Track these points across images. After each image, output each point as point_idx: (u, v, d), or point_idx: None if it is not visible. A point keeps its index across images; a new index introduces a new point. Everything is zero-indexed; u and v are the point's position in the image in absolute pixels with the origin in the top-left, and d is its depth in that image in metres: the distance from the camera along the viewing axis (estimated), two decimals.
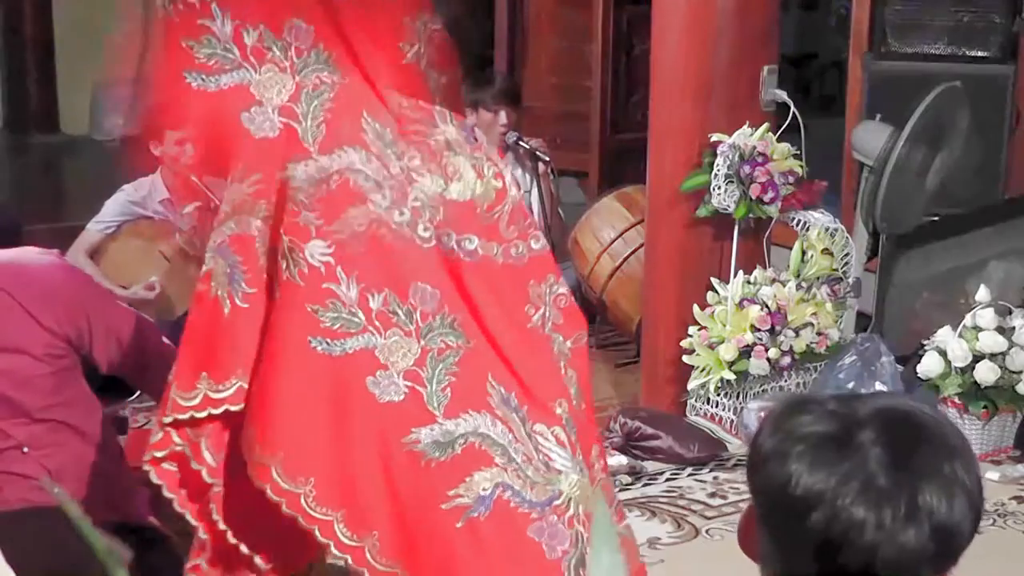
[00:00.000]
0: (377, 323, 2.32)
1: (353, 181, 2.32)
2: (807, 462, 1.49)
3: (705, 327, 4.75)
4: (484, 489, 2.28)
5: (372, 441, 2.30)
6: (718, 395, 4.80)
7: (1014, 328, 4.67)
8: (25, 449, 2.96)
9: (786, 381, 4.85)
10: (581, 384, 2.52)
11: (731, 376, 4.70)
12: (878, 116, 5.39)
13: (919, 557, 1.47)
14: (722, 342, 4.70)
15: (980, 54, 5.73)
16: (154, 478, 2.44)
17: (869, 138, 5.26)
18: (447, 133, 2.45)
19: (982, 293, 4.75)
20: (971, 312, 4.70)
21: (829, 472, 1.48)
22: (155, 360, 3.06)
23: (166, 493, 2.46)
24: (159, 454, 2.42)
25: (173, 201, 2.71)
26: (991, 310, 4.69)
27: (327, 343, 2.30)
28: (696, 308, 4.76)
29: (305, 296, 2.31)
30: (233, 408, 2.36)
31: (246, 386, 2.36)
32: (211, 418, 2.38)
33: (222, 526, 2.41)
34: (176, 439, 2.41)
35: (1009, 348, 4.62)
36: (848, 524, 1.46)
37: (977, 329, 4.66)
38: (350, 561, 2.29)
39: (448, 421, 2.30)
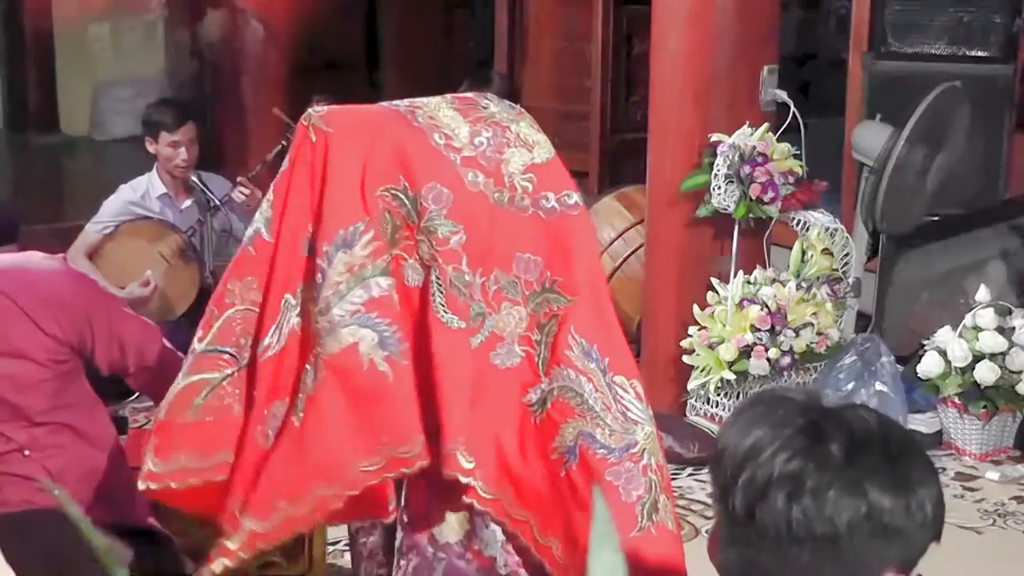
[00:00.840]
0: (493, 303, 2.44)
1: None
2: (744, 422, 1.49)
3: (705, 327, 4.75)
4: (571, 440, 2.40)
5: (499, 405, 2.44)
6: (718, 395, 4.80)
7: (1014, 328, 4.67)
8: (26, 452, 2.96)
9: (786, 381, 4.84)
10: None
11: (731, 376, 4.69)
12: (878, 116, 5.39)
13: (852, 531, 1.44)
14: (722, 342, 4.70)
15: (980, 54, 5.72)
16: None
17: (869, 138, 5.26)
18: (495, 110, 2.55)
19: (982, 293, 4.75)
20: (971, 312, 4.71)
21: (761, 425, 1.47)
22: (157, 364, 3.06)
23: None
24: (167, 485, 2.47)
25: None
26: (991, 310, 4.69)
27: (474, 335, 2.43)
28: (696, 308, 4.76)
29: (467, 308, 2.41)
30: (423, 463, 2.39)
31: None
32: None
33: None
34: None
35: (1009, 348, 4.62)
36: (770, 477, 1.44)
37: (977, 329, 4.66)
38: (492, 513, 2.43)
39: (545, 379, 2.44)
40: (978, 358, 4.62)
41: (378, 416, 2.37)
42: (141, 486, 2.42)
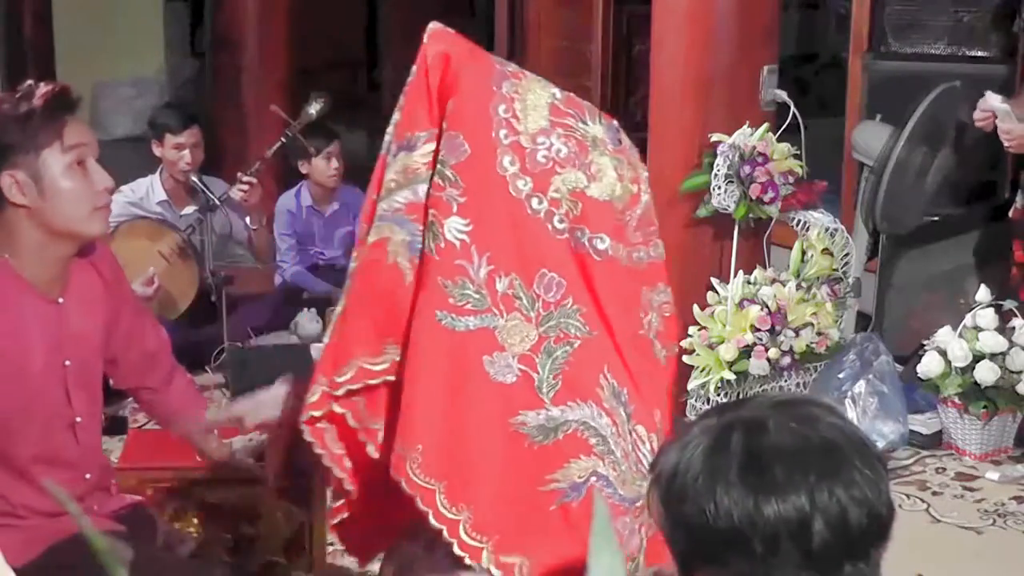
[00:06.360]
0: (501, 305, 2.37)
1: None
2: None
3: (705, 327, 4.75)
4: (579, 477, 2.33)
5: (481, 417, 2.36)
6: (718, 395, 4.80)
7: (1014, 328, 4.67)
8: (78, 419, 2.76)
9: (786, 381, 4.84)
10: (667, 395, 2.56)
11: (731, 376, 4.69)
12: (878, 116, 5.39)
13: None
14: (722, 342, 4.70)
15: (980, 54, 5.72)
16: (307, 436, 2.46)
17: (869, 138, 5.25)
18: (594, 131, 2.48)
19: (982, 293, 4.75)
20: (971, 312, 4.71)
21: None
22: (159, 370, 3.01)
23: (317, 450, 2.48)
24: (317, 413, 2.44)
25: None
26: (991, 310, 4.69)
27: (452, 318, 2.35)
28: (696, 308, 4.76)
29: (438, 269, 2.35)
30: None
31: None
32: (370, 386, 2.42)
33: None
34: (336, 408, 2.44)
35: (1009, 348, 4.62)
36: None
37: (977, 329, 4.66)
38: (445, 533, 2.34)
39: (555, 408, 2.34)
40: (978, 358, 4.62)
41: (387, 313, 2.39)
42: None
